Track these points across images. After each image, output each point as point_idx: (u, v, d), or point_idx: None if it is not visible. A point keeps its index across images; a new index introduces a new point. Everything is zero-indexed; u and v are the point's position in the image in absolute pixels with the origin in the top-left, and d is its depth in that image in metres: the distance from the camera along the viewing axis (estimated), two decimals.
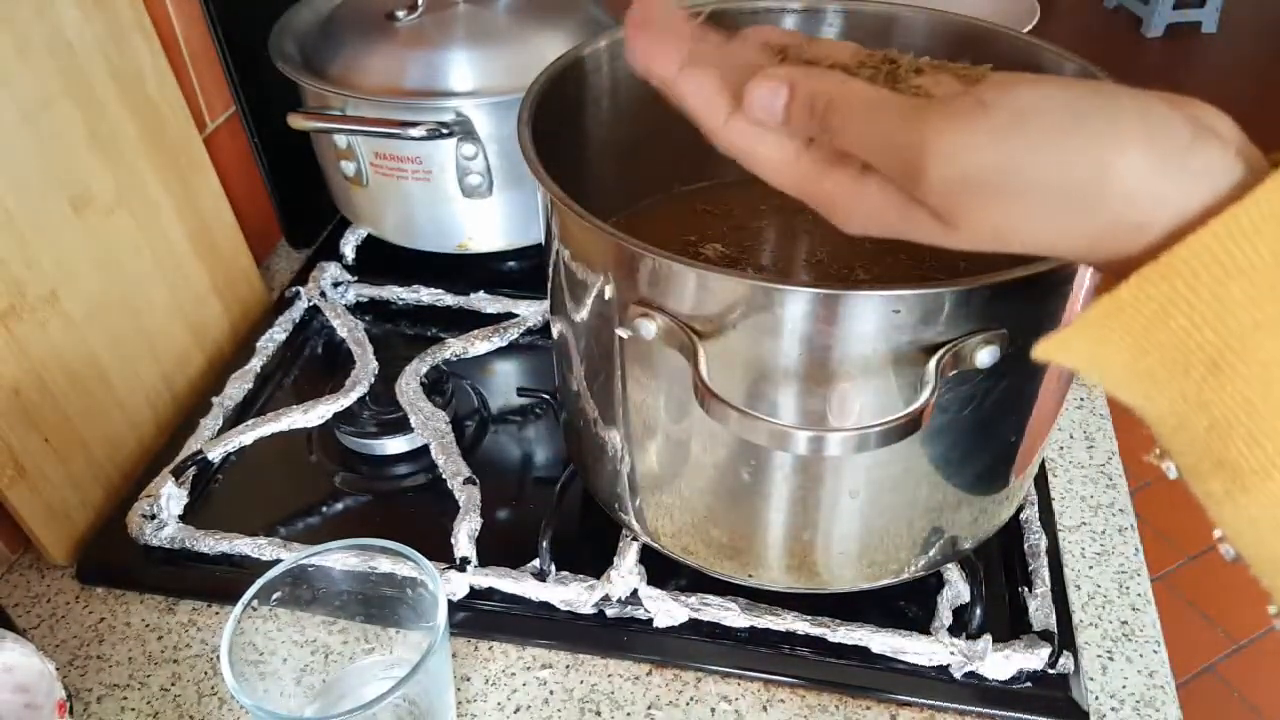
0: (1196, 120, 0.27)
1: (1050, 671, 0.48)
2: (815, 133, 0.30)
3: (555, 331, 0.49)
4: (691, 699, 0.49)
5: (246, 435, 0.60)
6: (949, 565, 0.51)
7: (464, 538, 0.54)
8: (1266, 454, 0.25)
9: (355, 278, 0.75)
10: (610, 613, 0.52)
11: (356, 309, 0.74)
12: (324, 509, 0.59)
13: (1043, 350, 0.29)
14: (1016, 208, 0.27)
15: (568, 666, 0.51)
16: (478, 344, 0.67)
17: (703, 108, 0.32)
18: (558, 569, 0.52)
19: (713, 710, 0.49)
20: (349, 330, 0.69)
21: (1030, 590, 0.51)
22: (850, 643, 0.49)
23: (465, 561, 0.53)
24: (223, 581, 0.54)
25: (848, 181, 0.30)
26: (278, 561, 0.46)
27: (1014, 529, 0.55)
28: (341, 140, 0.69)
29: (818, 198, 0.31)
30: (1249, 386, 0.25)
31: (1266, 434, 0.25)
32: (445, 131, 0.64)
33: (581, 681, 0.50)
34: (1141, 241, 0.26)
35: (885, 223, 0.30)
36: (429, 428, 0.60)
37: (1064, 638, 0.50)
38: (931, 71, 0.32)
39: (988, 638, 0.48)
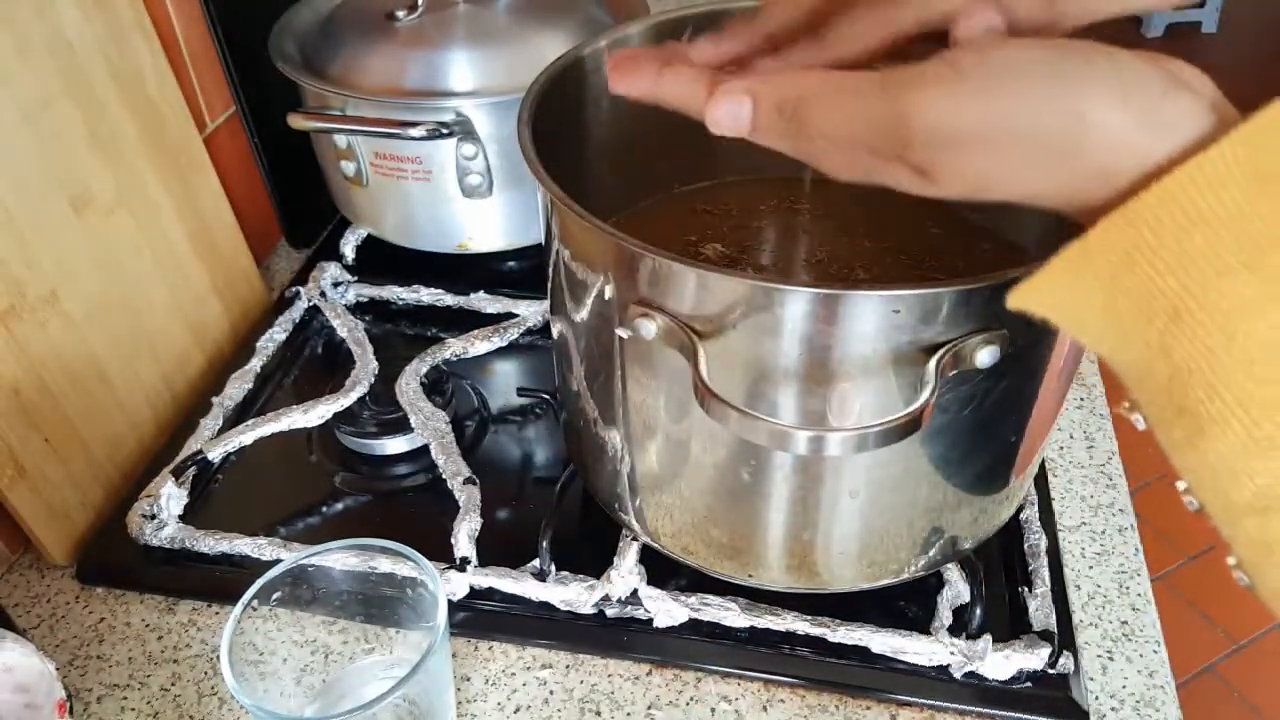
0: (1170, 74, 0.27)
1: (1050, 671, 0.48)
2: (792, 133, 0.31)
3: (555, 331, 0.49)
4: (691, 699, 0.49)
5: (246, 435, 0.60)
6: (949, 565, 0.51)
7: (464, 538, 0.54)
8: (1225, 403, 0.26)
9: (355, 278, 0.75)
10: (610, 613, 0.52)
11: (356, 309, 0.74)
12: (324, 509, 0.59)
13: (1017, 297, 0.30)
14: (996, 162, 0.28)
15: (568, 666, 0.51)
16: (478, 344, 0.67)
17: (686, 98, 0.33)
18: (558, 569, 0.52)
19: (713, 710, 0.49)
20: (349, 330, 0.69)
21: (1030, 590, 0.51)
22: (850, 643, 0.49)
23: (465, 561, 0.53)
24: (223, 581, 0.54)
25: (837, 155, 0.31)
26: (278, 561, 0.46)
27: (1014, 529, 0.55)
28: (341, 140, 0.69)
29: (804, 155, 0.32)
30: (1209, 334, 0.26)
31: (1225, 383, 0.26)
32: (445, 131, 0.64)
33: (581, 681, 0.50)
34: (1108, 189, 0.27)
35: (866, 173, 0.31)
36: (429, 428, 0.60)
37: (1064, 638, 0.50)
38: None
39: (988, 638, 0.48)
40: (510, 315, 0.71)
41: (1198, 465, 0.28)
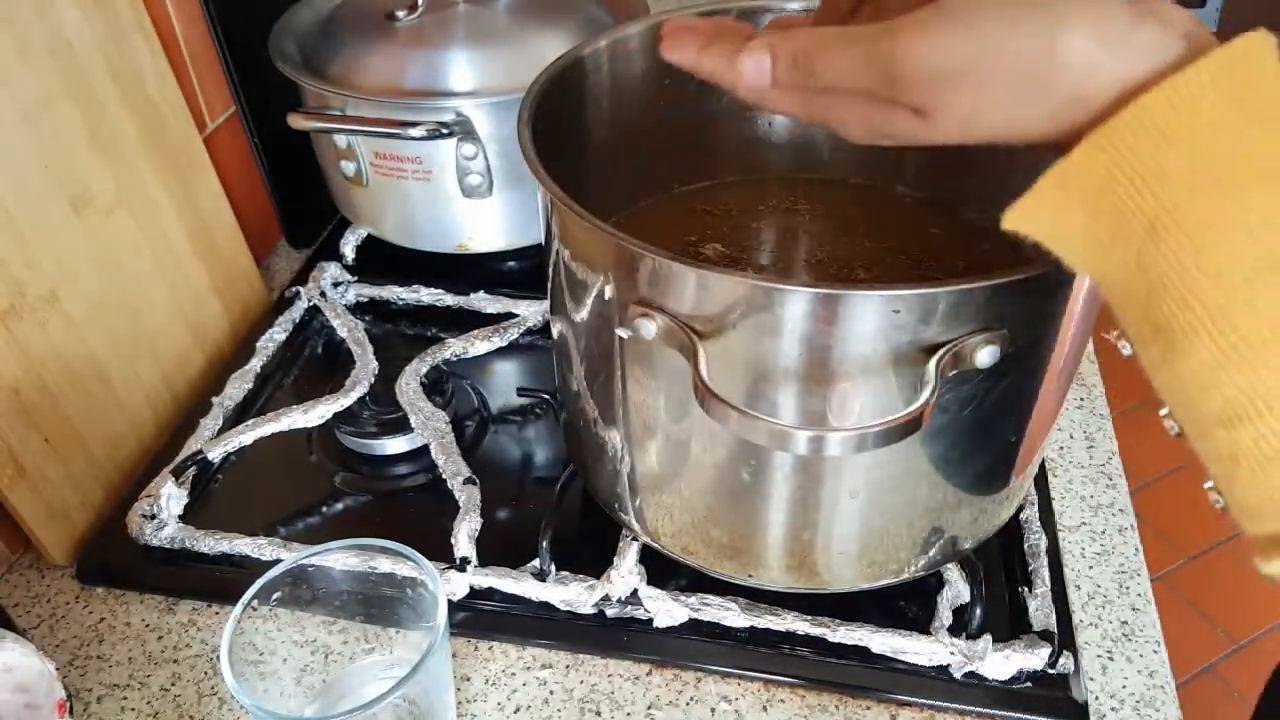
0: (1142, 5, 0.29)
1: (1050, 671, 0.48)
2: (803, 81, 0.33)
3: (555, 331, 0.49)
4: (691, 699, 0.49)
5: (246, 435, 0.60)
6: (949, 565, 0.51)
7: (464, 538, 0.54)
8: (1195, 314, 0.27)
9: (355, 278, 0.75)
10: (610, 613, 0.52)
11: (356, 309, 0.74)
12: (324, 509, 0.59)
13: (1010, 220, 0.31)
14: (984, 96, 0.30)
15: (568, 666, 0.51)
16: (478, 344, 0.67)
17: (721, 73, 0.35)
18: (558, 569, 0.52)
19: (713, 710, 0.49)
20: (349, 330, 0.69)
21: (1030, 590, 0.51)
22: (850, 643, 0.49)
23: (465, 561, 0.53)
24: (223, 581, 0.54)
25: (840, 100, 0.33)
26: (278, 561, 0.46)
27: (1014, 529, 0.55)
28: (341, 140, 0.69)
29: (822, 118, 0.34)
30: (1181, 249, 0.27)
31: (1194, 294, 0.27)
32: (445, 131, 0.64)
33: (581, 681, 0.50)
34: (1087, 114, 0.29)
35: (873, 126, 0.33)
36: (429, 428, 0.60)
37: (1064, 638, 0.50)
38: None
39: (988, 638, 0.48)
40: (510, 315, 0.71)
41: (1172, 381, 0.29)
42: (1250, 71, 0.27)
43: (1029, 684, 0.48)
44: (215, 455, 0.59)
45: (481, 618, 0.52)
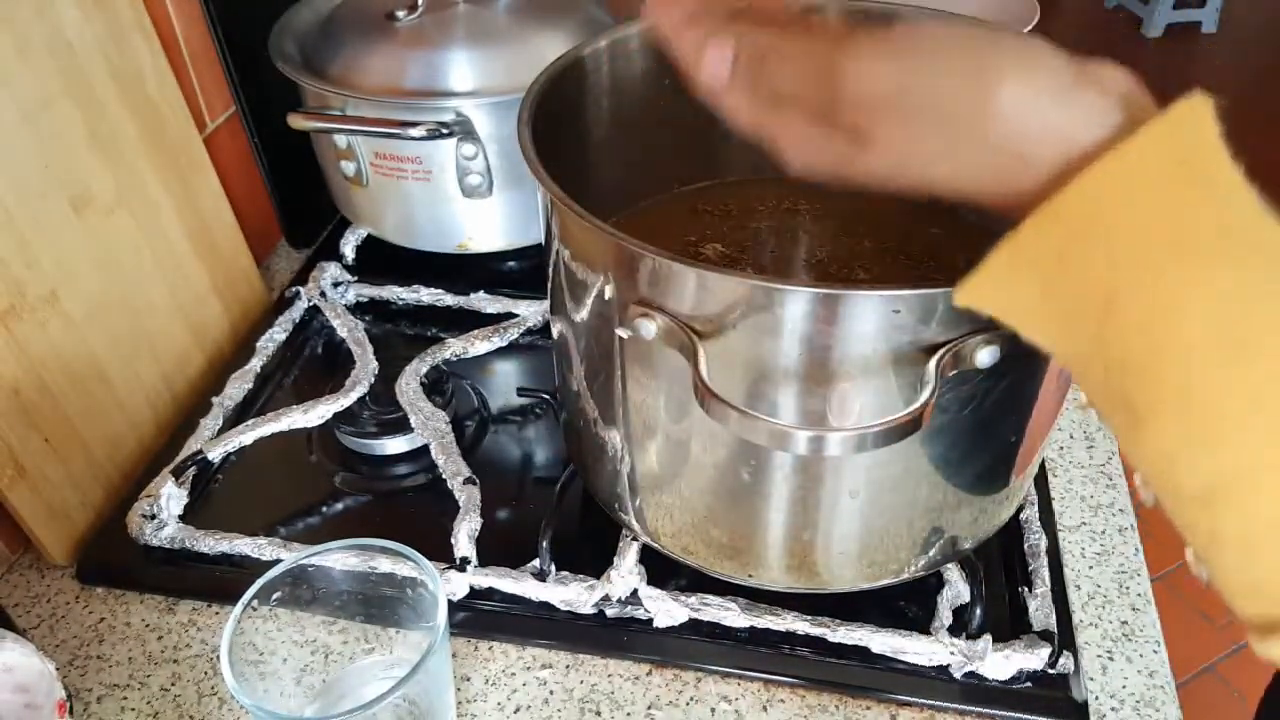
0: (1080, 67, 0.29)
1: (1050, 671, 0.48)
2: (756, 81, 0.34)
3: (555, 331, 0.49)
4: (691, 699, 0.49)
5: (246, 435, 0.60)
6: (949, 565, 0.51)
7: (464, 538, 0.54)
8: (1160, 393, 0.26)
9: (355, 278, 0.75)
10: (610, 613, 0.52)
11: (356, 309, 0.74)
12: (324, 509, 0.59)
13: (961, 296, 0.31)
14: (914, 127, 0.30)
15: (568, 666, 0.51)
16: (478, 344, 0.67)
17: (684, 55, 0.36)
18: (558, 569, 0.52)
19: (713, 710, 0.49)
20: (349, 330, 0.69)
21: (1030, 590, 0.51)
22: (850, 643, 0.49)
23: (465, 561, 0.53)
24: (223, 581, 0.54)
25: (783, 117, 0.33)
26: (278, 561, 0.46)
27: (1014, 529, 0.55)
28: (341, 140, 0.69)
29: (764, 132, 0.34)
30: (1140, 326, 0.26)
31: (1159, 373, 0.26)
32: (445, 131, 0.64)
33: (581, 681, 0.50)
34: (1031, 179, 0.28)
35: (811, 149, 0.33)
36: (429, 428, 0.60)
37: (1064, 638, 0.50)
38: None
39: (988, 638, 0.48)
40: (510, 315, 0.71)
41: (1144, 457, 0.28)
42: (1193, 138, 0.26)
43: (1029, 684, 0.48)
44: (215, 455, 0.59)
45: (481, 618, 0.52)
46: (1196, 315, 0.25)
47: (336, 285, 0.74)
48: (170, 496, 0.57)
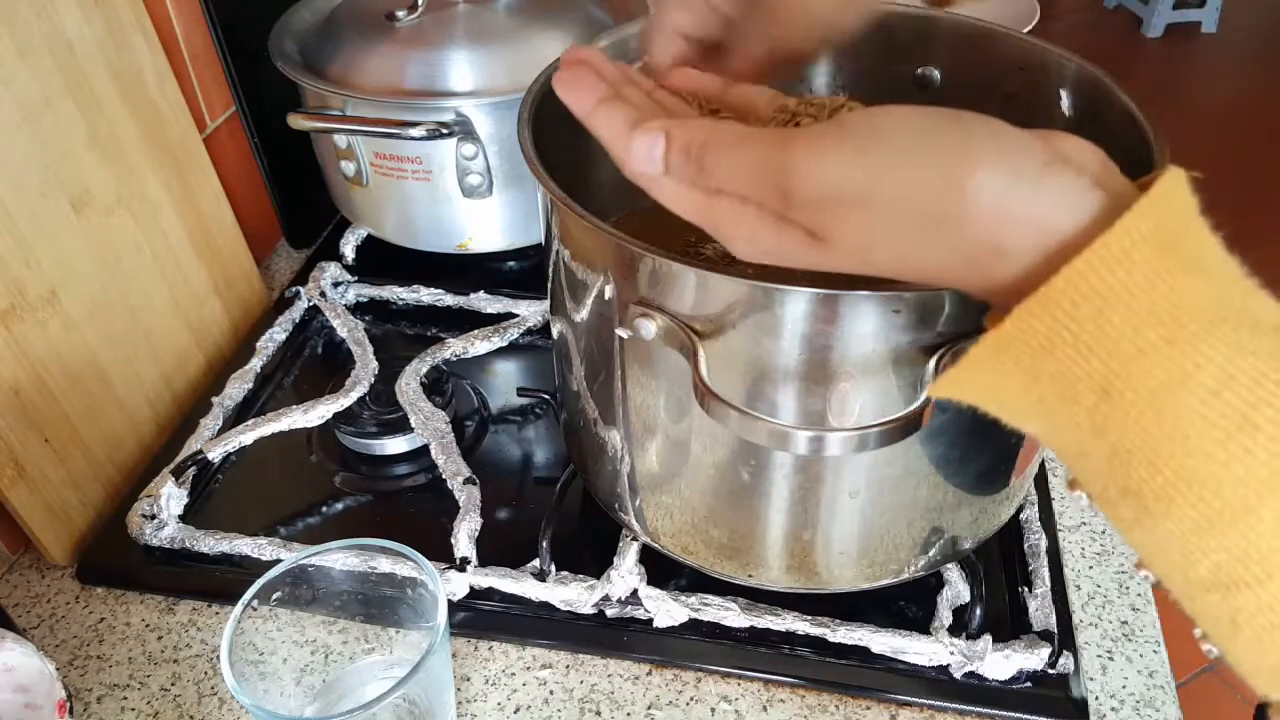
0: (1054, 149, 0.27)
1: (1050, 671, 0.48)
2: (694, 174, 0.31)
3: (555, 331, 0.49)
4: (691, 699, 0.49)
5: (246, 435, 0.60)
6: (949, 565, 0.51)
7: (464, 538, 0.54)
8: (1166, 479, 0.25)
9: (355, 278, 0.75)
10: (610, 613, 0.52)
11: (356, 309, 0.74)
12: (324, 509, 0.59)
13: (939, 388, 0.30)
14: (878, 223, 0.28)
15: (568, 666, 0.51)
16: (478, 344, 0.67)
17: (611, 141, 0.34)
18: (558, 569, 0.52)
19: (713, 710, 0.49)
20: (349, 330, 0.69)
21: (1030, 590, 0.51)
22: (850, 643, 0.49)
23: (465, 561, 0.53)
24: (223, 581, 0.54)
25: (730, 209, 0.31)
26: (278, 561, 0.46)
27: (1014, 529, 0.55)
28: (341, 140, 0.69)
29: (708, 224, 0.32)
30: (1142, 414, 0.25)
31: (1163, 459, 0.25)
32: (445, 131, 0.64)
33: (581, 681, 0.50)
34: (1009, 269, 0.27)
35: (764, 245, 0.31)
36: (429, 428, 0.60)
37: (1064, 638, 0.50)
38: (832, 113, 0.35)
39: (988, 638, 0.48)
40: (510, 315, 0.71)
41: (1148, 542, 0.27)
42: (1175, 217, 0.26)
43: (1029, 684, 0.48)
44: (215, 455, 0.59)
45: (481, 618, 0.52)
46: (1202, 397, 0.25)
47: (336, 285, 0.74)
48: (170, 496, 0.57)
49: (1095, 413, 0.26)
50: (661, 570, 0.52)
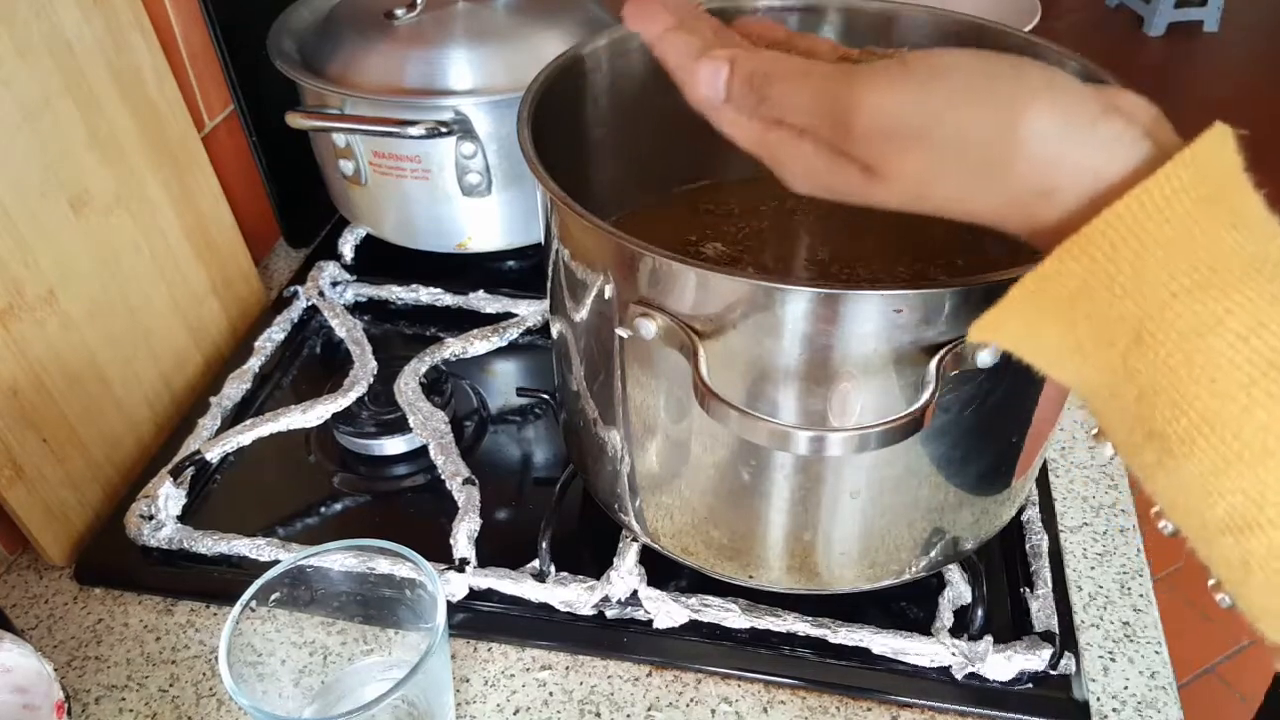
0: (1107, 100, 0.28)
1: (1052, 673, 0.48)
2: (755, 104, 0.32)
3: (555, 331, 0.49)
4: (692, 700, 0.49)
5: (245, 435, 0.60)
6: (950, 566, 0.51)
7: (463, 538, 0.53)
8: (1190, 421, 0.26)
9: (354, 277, 0.75)
10: (610, 614, 0.52)
11: (355, 308, 0.73)
12: (322, 509, 0.59)
13: (977, 331, 0.30)
14: (934, 160, 0.29)
15: (567, 668, 0.50)
16: (477, 344, 0.67)
17: (677, 66, 0.34)
18: (557, 570, 0.52)
19: (713, 711, 0.48)
20: (347, 330, 0.68)
21: (1032, 591, 0.51)
22: (851, 644, 0.49)
23: (464, 562, 0.53)
24: (221, 582, 0.54)
25: (788, 139, 0.32)
26: (276, 562, 0.45)
27: (1015, 530, 0.54)
28: (340, 139, 0.69)
29: (765, 155, 0.33)
30: (1170, 355, 0.26)
31: (1189, 401, 0.26)
32: (444, 130, 0.64)
33: (581, 683, 0.50)
34: (1053, 211, 0.28)
35: (820, 178, 0.32)
36: (428, 428, 0.60)
37: (1065, 639, 0.49)
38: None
39: (989, 639, 0.48)
40: (510, 315, 0.71)
41: (1169, 487, 0.28)
42: (1218, 169, 0.26)
43: (1030, 685, 0.48)
44: (214, 455, 0.59)
45: (481, 619, 0.52)
46: (1231, 341, 0.25)
47: (335, 285, 0.74)
48: (168, 497, 0.57)
49: (1128, 356, 0.27)
50: (661, 571, 0.52)
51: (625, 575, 0.51)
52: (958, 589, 0.51)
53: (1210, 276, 0.26)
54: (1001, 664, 0.48)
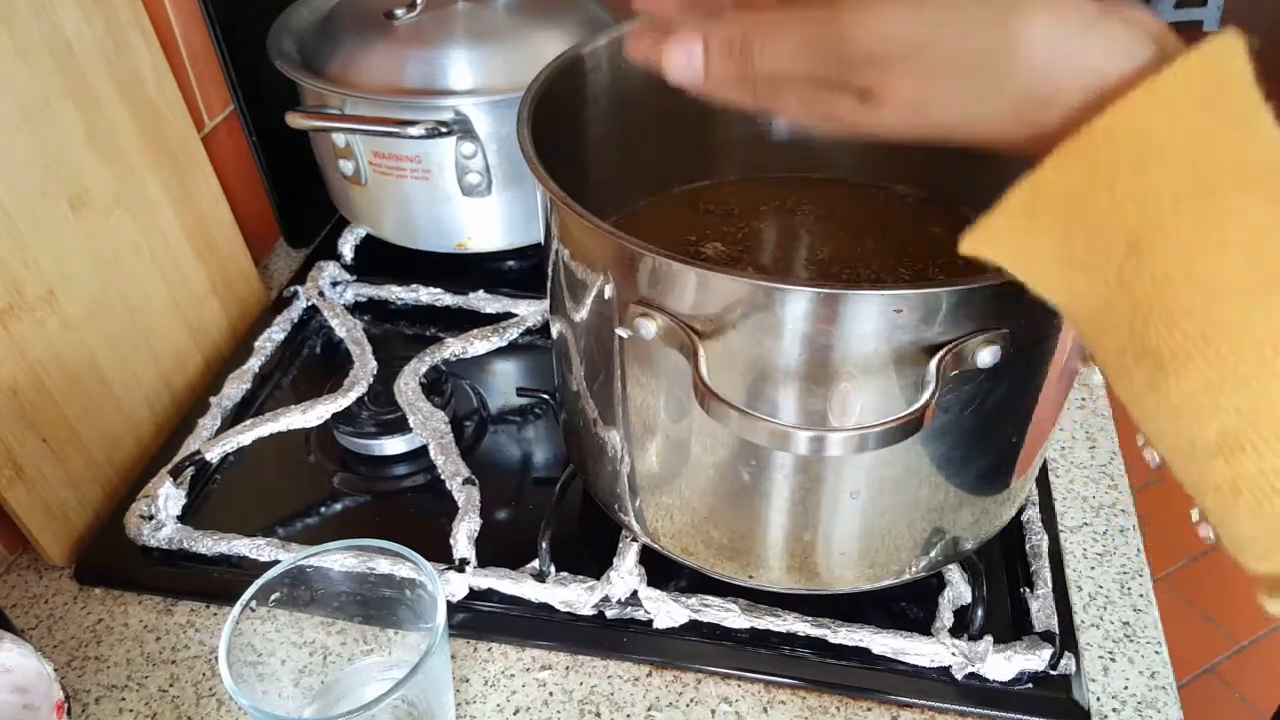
0: (1107, 6, 0.27)
1: (1052, 673, 0.48)
2: (740, 67, 0.32)
3: (555, 331, 0.49)
4: (692, 700, 0.49)
5: (245, 435, 0.60)
6: (950, 566, 0.51)
7: (463, 538, 0.53)
8: (1186, 335, 0.25)
9: (354, 277, 0.75)
10: (610, 614, 0.52)
11: (355, 308, 0.73)
12: (322, 509, 0.59)
13: (970, 243, 0.29)
14: (931, 77, 0.28)
15: (567, 668, 0.50)
16: (477, 344, 0.67)
17: (647, 60, 0.34)
18: (557, 570, 0.52)
19: (713, 712, 0.48)
20: (347, 330, 0.68)
21: (1032, 591, 0.51)
22: (851, 644, 0.49)
23: (464, 562, 0.53)
24: (221, 582, 0.54)
25: (783, 86, 0.32)
26: (276, 562, 0.45)
27: (1015, 530, 0.54)
28: (340, 139, 0.69)
29: (766, 106, 0.33)
30: (1168, 264, 0.25)
31: (1186, 313, 0.25)
32: (444, 130, 0.64)
33: (581, 683, 0.50)
34: (1054, 116, 0.27)
35: (819, 112, 0.31)
36: (428, 428, 0.60)
37: (1065, 639, 0.49)
38: None
39: (989, 639, 0.48)
40: (510, 315, 0.71)
41: (1159, 411, 0.27)
42: (1224, 74, 0.26)
43: (1030, 685, 0.48)
44: (213, 455, 0.59)
45: (480, 619, 0.52)
46: (1230, 250, 0.25)
47: (335, 285, 0.74)
48: (168, 497, 0.56)
49: (1124, 267, 0.26)
50: (661, 571, 0.52)
51: (625, 575, 0.51)
52: (958, 589, 0.51)
53: (1213, 183, 0.25)
54: (1001, 664, 0.48)
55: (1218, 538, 0.28)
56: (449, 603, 0.52)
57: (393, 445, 0.61)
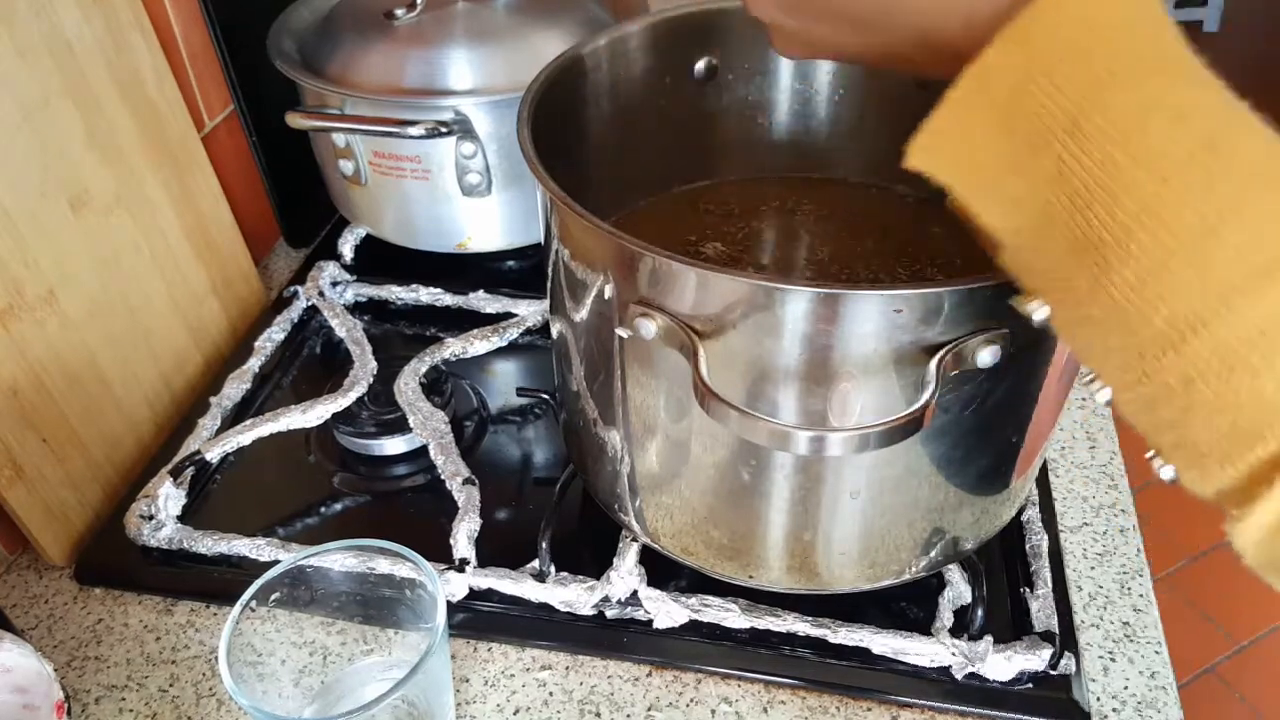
0: None
1: (1052, 673, 0.48)
2: None
3: (555, 331, 0.49)
4: (692, 700, 0.49)
5: (245, 435, 0.60)
6: (950, 566, 0.51)
7: (463, 538, 0.53)
8: (1129, 212, 0.25)
9: (354, 277, 0.75)
10: (610, 614, 0.52)
11: (355, 308, 0.73)
12: (322, 509, 0.59)
13: (914, 154, 0.29)
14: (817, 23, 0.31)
15: (567, 668, 0.50)
16: (477, 344, 0.67)
17: None
18: (557, 570, 0.52)
19: (713, 712, 0.48)
20: (347, 330, 0.68)
21: (1032, 591, 0.51)
22: (851, 644, 0.49)
23: (464, 562, 0.53)
24: (221, 582, 0.54)
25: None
26: (276, 562, 0.45)
27: (1015, 530, 0.54)
28: (340, 139, 0.69)
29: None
30: (1108, 140, 0.25)
31: (1126, 189, 0.25)
32: (444, 130, 0.64)
33: (581, 683, 0.50)
34: (990, 5, 0.27)
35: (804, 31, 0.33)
36: (428, 428, 0.60)
37: (1065, 639, 0.49)
38: None
39: (989, 639, 0.48)
40: (509, 315, 0.71)
41: (1106, 312, 0.26)
42: None
43: (1030, 685, 0.48)
44: (213, 455, 0.59)
45: (481, 619, 0.52)
46: (1168, 121, 0.24)
47: (335, 285, 0.74)
48: (168, 497, 0.56)
49: (1064, 155, 0.26)
50: (661, 571, 0.52)
51: (625, 575, 0.51)
52: (958, 589, 0.51)
53: (1152, 63, 0.25)
54: (1001, 664, 0.48)
55: (1177, 474, 0.27)
56: (449, 603, 0.52)
57: (393, 445, 0.61)
